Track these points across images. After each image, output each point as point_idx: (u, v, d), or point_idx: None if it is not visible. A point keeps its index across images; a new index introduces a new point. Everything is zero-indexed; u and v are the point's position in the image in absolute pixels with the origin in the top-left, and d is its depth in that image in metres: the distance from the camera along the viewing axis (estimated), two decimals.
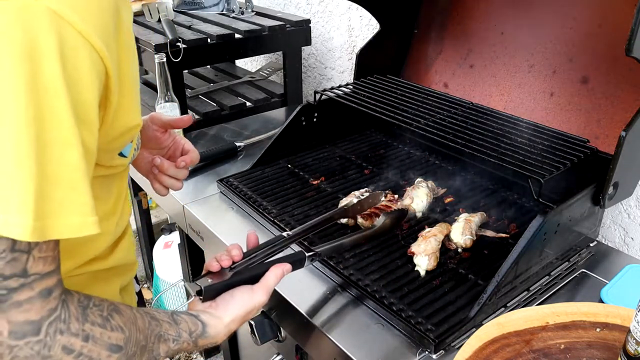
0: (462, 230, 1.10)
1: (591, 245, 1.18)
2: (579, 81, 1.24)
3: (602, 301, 0.99)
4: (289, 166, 1.44)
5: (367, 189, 1.25)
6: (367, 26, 1.88)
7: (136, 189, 2.27)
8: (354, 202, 1.16)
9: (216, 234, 1.23)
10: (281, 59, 2.01)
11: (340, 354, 0.91)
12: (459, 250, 1.10)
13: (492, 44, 1.41)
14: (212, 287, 0.83)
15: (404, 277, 1.03)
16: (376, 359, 0.88)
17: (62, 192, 0.57)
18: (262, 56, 2.44)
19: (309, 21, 1.93)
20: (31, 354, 0.59)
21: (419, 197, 1.22)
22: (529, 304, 1.01)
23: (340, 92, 1.40)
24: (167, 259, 2.36)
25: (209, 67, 2.33)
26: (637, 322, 0.67)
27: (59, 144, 0.57)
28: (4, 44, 0.54)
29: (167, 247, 2.39)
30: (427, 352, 0.89)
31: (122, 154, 0.77)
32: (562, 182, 1.02)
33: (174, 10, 2.02)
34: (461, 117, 1.23)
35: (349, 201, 1.18)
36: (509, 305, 1.00)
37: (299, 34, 1.93)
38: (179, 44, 1.64)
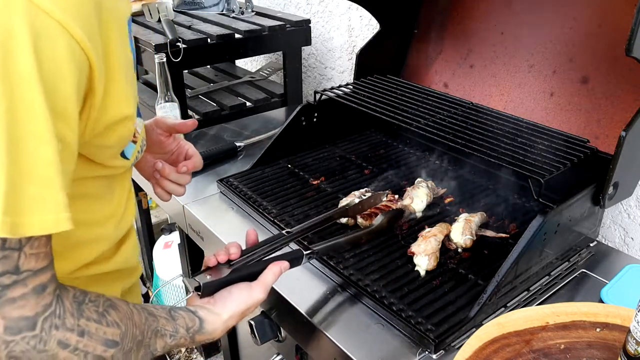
0: (462, 230, 1.10)
1: (591, 245, 1.18)
2: (579, 81, 1.24)
3: (602, 301, 0.99)
4: (289, 166, 1.44)
5: (367, 189, 1.25)
6: (367, 26, 1.88)
7: (136, 189, 2.27)
8: (355, 202, 1.16)
9: (216, 234, 1.23)
10: (281, 59, 2.01)
11: (340, 354, 0.91)
12: (459, 250, 1.10)
13: (492, 44, 1.41)
14: (211, 284, 0.83)
15: (404, 277, 1.03)
16: (376, 359, 0.88)
17: (34, 188, 0.56)
18: (262, 56, 2.44)
19: (309, 21, 1.93)
20: (27, 348, 0.60)
21: (419, 197, 1.22)
22: (529, 304, 1.01)
23: (340, 92, 1.40)
24: (167, 259, 2.35)
25: (209, 67, 2.33)
26: (637, 322, 0.67)
27: (33, 139, 0.55)
28: None
29: (167, 247, 2.39)
30: (427, 352, 0.89)
31: (124, 156, 0.76)
32: (562, 182, 1.02)
33: (174, 10, 2.02)
34: (461, 117, 1.23)
35: (349, 201, 1.18)
36: (509, 305, 1.00)
37: (299, 34, 1.93)
38: (179, 44, 1.65)
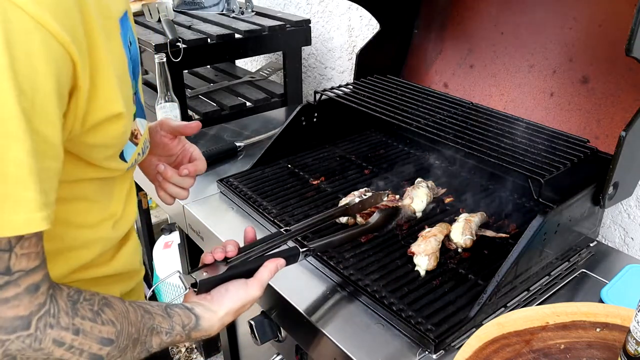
0: (462, 230, 1.10)
1: (591, 245, 1.18)
2: (579, 81, 1.24)
3: (602, 301, 0.99)
4: (289, 166, 1.44)
5: (367, 189, 1.25)
6: (367, 26, 1.88)
7: (136, 189, 2.27)
8: (356, 201, 1.16)
9: (216, 234, 1.23)
10: (281, 59, 2.01)
11: (340, 354, 0.91)
12: (459, 250, 1.10)
13: (492, 44, 1.41)
14: (207, 281, 0.83)
15: (404, 277, 1.03)
16: (376, 359, 0.88)
17: (5, 188, 0.55)
18: (262, 56, 2.44)
19: (309, 21, 1.93)
20: (23, 347, 0.60)
21: (419, 197, 1.22)
22: (529, 304, 1.01)
23: (340, 92, 1.40)
24: (167, 259, 2.35)
25: (209, 67, 2.33)
26: (637, 322, 0.67)
27: (3, 137, 0.54)
28: None
29: (167, 247, 2.39)
30: (427, 352, 0.89)
31: (123, 158, 0.75)
32: (562, 182, 1.02)
33: (174, 10, 2.02)
34: (461, 117, 1.23)
35: (349, 200, 1.18)
36: (509, 305, 1.00)
37: (299, 34, 1.93)
38: (179, 44, 1.65)
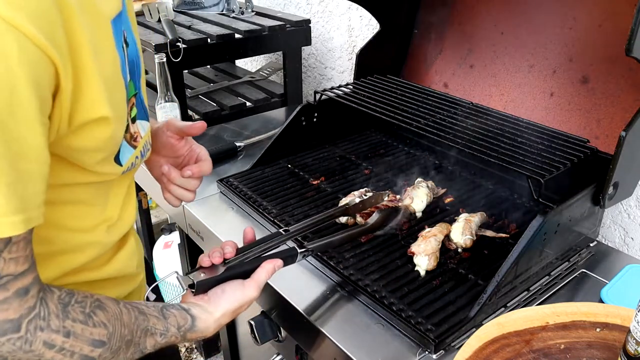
0: (462, 230, 1.10)
1: (591, 245, 1.18)
2: (579, 81, 1.24)
3: (602, 301, 0.99)
4: (289, 166, 1.44)
5: (367, 189, 1.25)
6: (367, 26, 1.88)
7: (136, 189, 2.27)
8: (356, 201, 1.16)
9: (216, 234, 1.23)
10: (281, 59, 2.01)
11: (340, 354, 0.91)
12: (459, 250, 1.10)
13: (492, 44, 1.41)
14: (205, 282, 0.83)
15: (404, 277, 1.03)
16: (376, 359, 0.88)
17: None
18: (262, 56, 2.44)
19: (309, 21, 1.93)
20: (13, 349, 0.61)
21: (419, 197, 1.22)
22: (529, 304, 1.01)
23: (340, 92, 1.40)
24: (167, 259, 2.36)
25: (209, 67, 2.33)
26: (637, 322, 0.67)
27: None
28: None
29: (167, 247, 2.39)
30: (427, 352, 0.89)
31: (118, 162, 0.74)
32: (562, 182, 1.02)
33: (174, 10, 2.02)
34: (461, 117, 1.23)
35: (349, 201, 1.18)
36: (509, 305, 1.00)
37: (299, 34, 1.93)
38: (179, 44, 1.65)
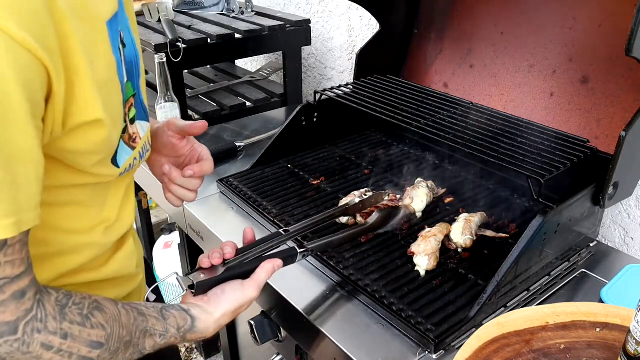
0: (462, 230, 1.10)
1: (591, 245, 1.18)
2: (579, 81, 1.24)
3: (602, 301, 0.99)
4: (289, 166, 1.44)
5: (367, 189, 1.25)
6: (367, 26, 1.88)
7: (136, 189, 2.26)
8: (356, 201, 1.16)
9: (216, 234, 1.23)
10: (281, 59, 2.01)
11: (340, 354, 0.91)
12: (459, 250, 1.10)
13: (492, 44, 1.41)
14: (205, 282, 0.83)
15: (404, 277, 1.02)
16: (376, 359, 0.88)
17: None
18: (262, 56, 2.44)
19: (309, 21, 1.93)
20: (11, 350, 0.61)
21: (419, 197, 1.22)
22: (529, 304, 1.01)
23: (340, 92, 1.40)
24: (167, 259, 2.36)
25: (209, 67, 2.33)
26: (637, 322, 0.67)
27: None
28: None
29: (167, 247, 2.39)
30: (427, 352, 0.89)
31: (115, 163, 0.74)
32: (562, 182, 1.02)
33: (174, 10, 2.02)
34: (461, 117, 1.23)
35: (349, 201, 1.18)
36: (509, 305, 1.00)
37: (299, 34, 1.93)
38: (179, 44, 1.65)
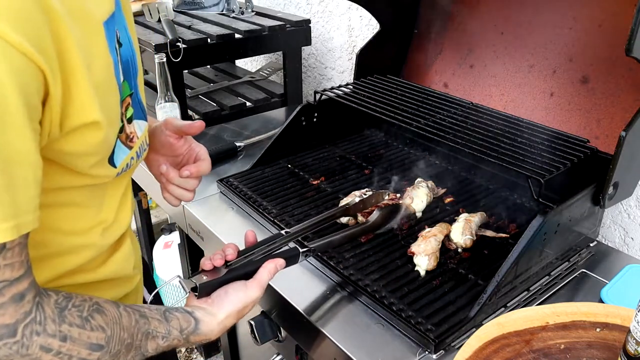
0: (462, 230, 1.10)
1: (591, 245, 1.18)
2: (579, 81, 1.24)
3: (602, 301, 0.99)
4: (289, 166, 1.44)
5: (368, 189, 1.25)
6: (367, 26, 1.88)
7: (136, 189, 2.27)
8: (356, 201, 1.16)
9: (216, 234, 1.23)
10: (281, 59, 2.01)
11: (340, 354, 0.91)
12: (459, 250, 1.10)
13: (492, 44, 1.41)
14: (207, 284, 0.83)
15: (404, 277, 1.03)
16: (376, 359, 0.88)
17: None
18: (262, 56, 2.44)
19: (309, 21, 1.93)
20: (10, 352, 0.61)
21: (419, 197, 1.22)
22: (529, 304, 1.01)
23: (340, 92, 1.40)
24: (167, 259, 2.36)
25: (209, 67, 2.33)
26: (637, 322, 0.67)
27: None
28: None
29: (167, 247, 2.39)
30: (427, 352, 0.89)
31: (112, 163, 0.73)
32: (562, 182, 1.02)
33: (174, 10, 2.02)
34: (461, 117, 1.23)
35: (349, 201, 1.18)
36: (509, 305, 1.00)
37: (299, 34, 1.93)
38: (179, 44, 1.64)
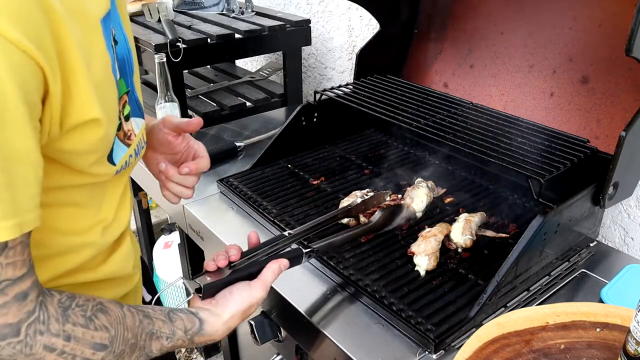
0: (462, 230, 1.10)
1: (591, 245, 1.18)
2: (579, 81, 1.24)
3: (602, 301, 0.99)
4: (289, 166, 1.44)
5: (368, 189, 1.25)
6: (367, 26, 1.88)
7: (136, 189, 2.27)
8: (358, 202, 1.16)
9: (216, 233, 1.23)
10: (281, 59, 2.01)
11: (340, 354, 0.91)
12: (459, 250, 1.10)
13: (492, 44, 1.41)
14: (212, 285, 0.83)
15: (404, 277, 1.03)
16: (376, 359, 0.88)
17: None
18: (262, 56, 2.44)
19: (309, 21, 1.93)
20: (14, 352, 0.61)
21: (419, 197, 1.22)
22: (529, 304, 1.01)
23: (340, 92, 1.40)
24: (167, 259, 2.36)
25: (209, 67, 2.33)
26: (637, 322, 0.67)
27: None
28: None
29: (167, 247, 2.39)
30: (427, 352, 0.89)
31: (111, 161, 0.73)
32: (562, 182, 1.02)
33: (174, 10, 2.02)
34: (461, 117, 1.23)
35: (351, 201, 1.18)
36: (509, 305, 1.00)
37: (299, 34, 1.93)
38: (179, 44, 1.65)
